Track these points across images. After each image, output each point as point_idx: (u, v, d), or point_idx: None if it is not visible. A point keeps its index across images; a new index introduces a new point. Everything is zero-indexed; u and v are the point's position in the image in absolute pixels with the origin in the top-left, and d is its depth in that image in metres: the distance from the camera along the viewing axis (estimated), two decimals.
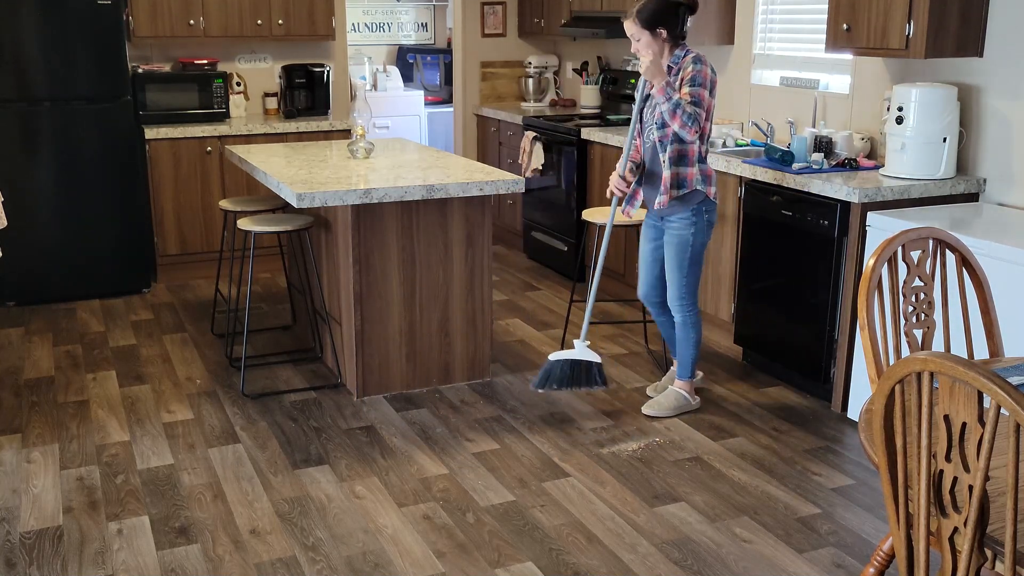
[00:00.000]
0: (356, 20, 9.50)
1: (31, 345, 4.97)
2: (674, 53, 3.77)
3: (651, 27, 3.71)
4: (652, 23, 3.71)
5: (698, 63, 3.71)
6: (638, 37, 3.73)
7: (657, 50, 3.74)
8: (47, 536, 3.15)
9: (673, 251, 3.92)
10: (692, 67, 3.70)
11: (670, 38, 3.74)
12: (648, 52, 3.73)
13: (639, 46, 3.75)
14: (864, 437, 2.15)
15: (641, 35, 3.72)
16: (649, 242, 4.06)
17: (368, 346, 4.22)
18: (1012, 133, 3.95)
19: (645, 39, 3.72)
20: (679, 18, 3.73)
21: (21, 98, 5.40)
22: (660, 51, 3.75)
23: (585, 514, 3.30)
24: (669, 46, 3.77)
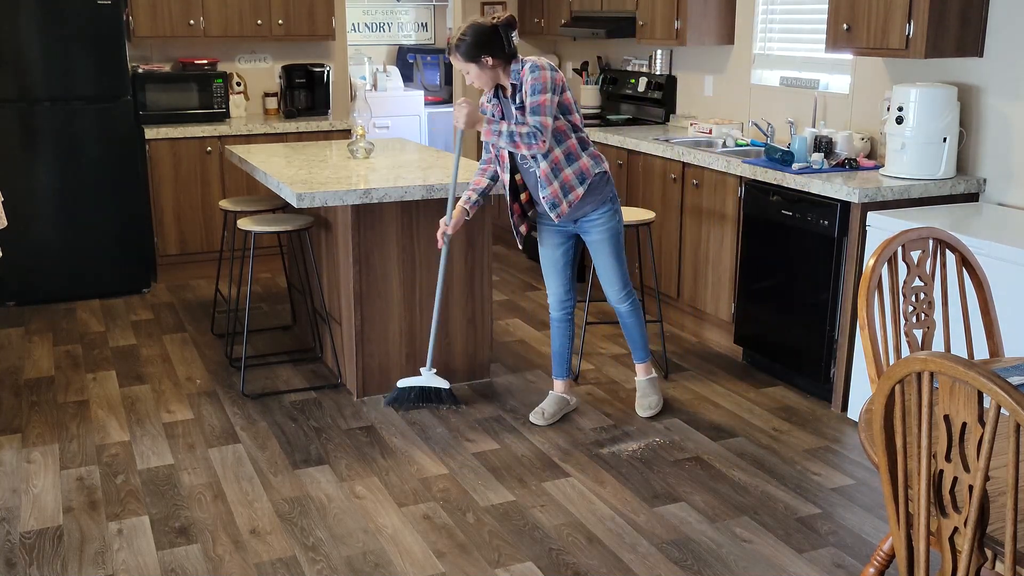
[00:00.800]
0: (356, 20, 9.50)
1: (31, 345, 4.97)
2: (511, 70, 3.66)
3: (475, 58, 3.62)
4: (474, 54, 3.62)
5: (535, 70, 3.60)
6: (466, 70, 3.66)
7: (490, 76, 3.66)
8: (47, 536, 3.15)
9: (608, 246, 3.86)
10: (530, 76, 3.59)
11: (499, 60, 3.64)
12: (480, 80, 3.66)
13: (471, 78, 3.68)
14: (864, 437, 2.15)
15: (468, 67, 3.65)
16: (557, 247, 3.94)
17: (368, 346, 4.22)
18: (1012, 133, 3.95)
19: (474, 70, 3.64)
20: (501, 38, 3.63)
21: (21, 98, 5.40)
22: (494, 76, 3.66)
23: (585, 514, 3.30)
24: (502, 67, 3.66)
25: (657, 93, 6.05)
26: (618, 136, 5.49)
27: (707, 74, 5.68)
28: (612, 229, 3.85)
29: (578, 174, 3.73)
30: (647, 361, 4.14)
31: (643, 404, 4.10)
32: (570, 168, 3.72)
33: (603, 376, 4.53)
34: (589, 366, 4.67)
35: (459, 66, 3.68)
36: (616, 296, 3.97)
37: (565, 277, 4.00)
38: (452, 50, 3.67)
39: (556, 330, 4.09)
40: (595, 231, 3.84)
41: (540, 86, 3.58)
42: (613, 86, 6.54)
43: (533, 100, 3.57)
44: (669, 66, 6.05)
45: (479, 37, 3.63)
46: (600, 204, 3.80)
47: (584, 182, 3.73)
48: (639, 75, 6.26)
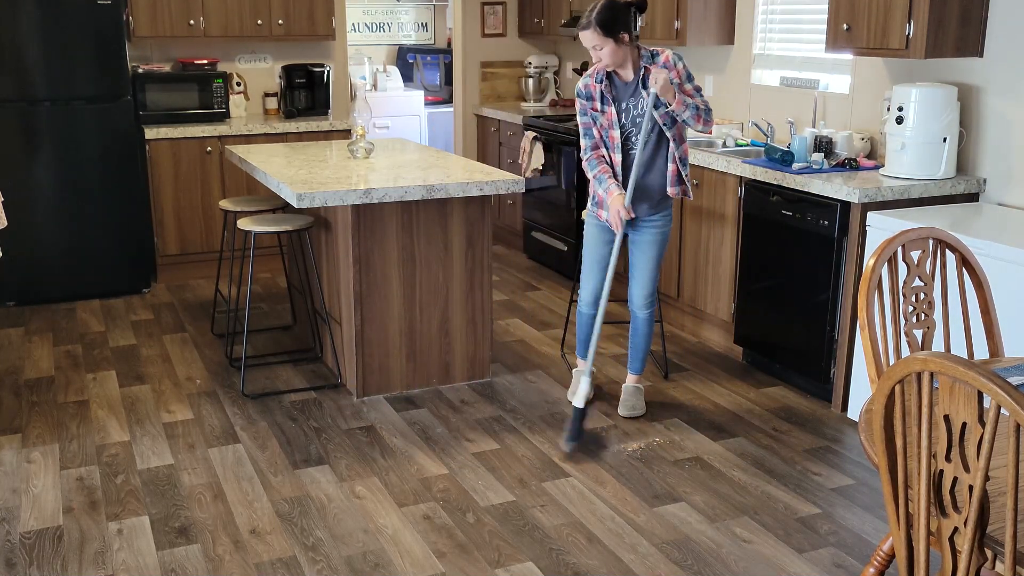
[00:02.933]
0: (356, 20, 9.50)
1: (31, 345, 4.97)
2: (641, 55, 3.74)
3: (613, 33, 3.64)
4: (613, 29, 3.64)
5: (680, 57, 3.75)
6: (601, 46, 3.66)
7: (622, 56, 3.70)
8: (47, 536, 3.15)
9: (656, 249, 3.93)
10: (679, 63, 3.73)
11: (631, 40, 3.70)
12: (615, 57, 3.68)
13: (602, 54, 3.68)
14: (864, 437, 2.15)
15: (604, 43, 3.65)
16: (606, 245, 3.98)
17: (368, 346, 4.22)
18: (1012, 133, 3.95)
19: (609, 47, 3.66)
20: (633, 18, 3.69)
21: (21, 98, 5.40)
22: (626, 55, 3.71)
23: (585, 514, 3.30)
24: (630, 49, 3.72)
25: None
26: None
27: (707, 74, 5.68)
28: (664, 234, 3.95)
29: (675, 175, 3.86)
30: (642, 373, 4.19)
31: (627, 405, 4.11)
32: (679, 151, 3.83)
33: (603, 376, 4.53)
34: None
35: (594, 42, 3.65)
36: (642, 301, 4.00)
37: (602, 275, 4.02)
38: (590, 25, 3.64)
39: (585, 323, 4.13)
40: (650, 231, 3.91)
41: (692, 74, 3.76)
42: None
43: (694, 84, 3.74)
44: None
45: (618, 13, 3.65)
46: (667, 207, 3.92)
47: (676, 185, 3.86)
48: None
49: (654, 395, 4.32)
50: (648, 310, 4.03)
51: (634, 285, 4.00)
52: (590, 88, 3.82)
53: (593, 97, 3.82)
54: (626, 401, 4.11)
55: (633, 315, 4.06)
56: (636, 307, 4.03)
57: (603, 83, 3.79)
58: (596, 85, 3.80)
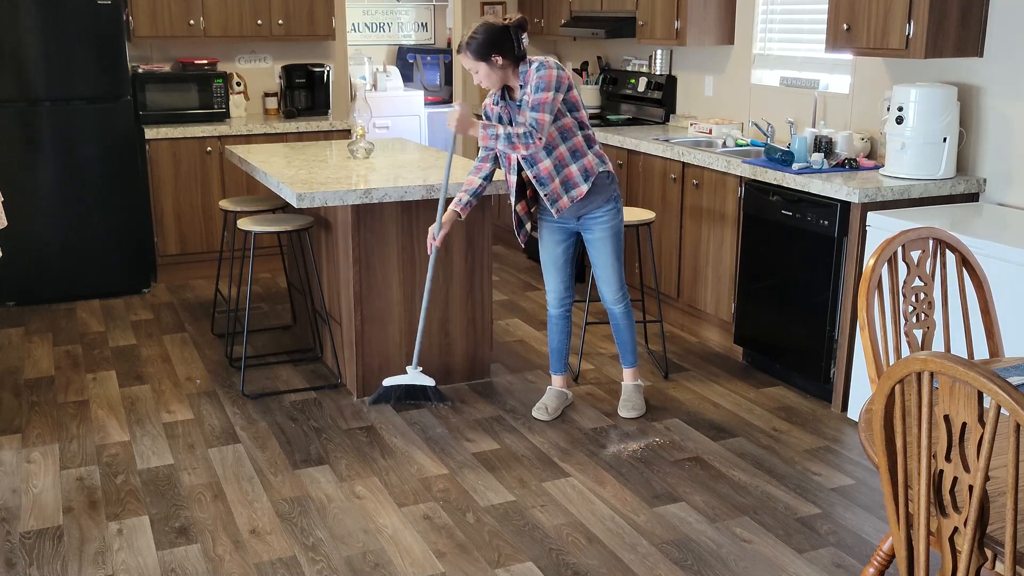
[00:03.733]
0: (356, 20, 9.50)
1: (31, 345, 4.97)
2: (520, 71, 3.68)
3: (485, 57, 3.61)
4: (485, 53, 3.60)
5: (541, 68, 3.61)
6: (475, 69, 3.64)
7: (498, 78, 3.66)
8: (47, 536, 3.15)
9: (609, 244, 3.88)
10: (535, 74, 3.60)
11: (509, 61, 3.64)
12: (489, 80, 3.66)
13: (480, 77, 3.66)
14: (864, 437, 2.15)
15: (478, 66, 3.63)
16: (558, 244, 3.96)
17: (368, 346, 4.22)
18: (1012, 133, 3.95)
19: (483, 70, 3.63)
20: (512, 39, 3.63)
21: (21, 98, 5.40)
22: (503, 76, 3.67)
23: (585, 514, 3.30)
24: (511, 68, 3.67)
25: (657, 93, 6.05)
26: (618, 136, 5.49)
27: (707, 74, 5.68)
28: (613, 228, 3.87)
29: (582, 171, 3.74)
30: (636, 366, 4.16)
31: (627, 405, 4.10)
32: (575, 165, 3.73)
33: (603, 376, 4.54)
34: (589, 366, 4.67)
35: (468, 65, 3.67)
36: (612, 296, 3.98)
37: (565, 275, 4.02)
38: (462, 48, 3.64)
39: (555, 327, 4.11)
40: (597, 229, 3.86)
41: (544, 84, 3.59)
42: (613, 86, 6.54)
43: (535, 97, 3.59)
44: (669, 66, 6.05)
45: (490, 36, 3.61)
46: (604, 202, 3.82)
47: (588, 179, 3.74)
48: (639, 75, 6.26)
49: (654, 395, 4.32)
50: (621, 303, 4.01)
51: (600, 284, 3.99)
52: (487, 107, 3.82)
53: (490, 116, 3.81)
54: (627, 401, 4.11)
55: (609, 312, 4.05)
56: (609, 303, 4.01)
57: (499, 104, 3.75)
58: (494, 106, 3.78)
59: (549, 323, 4.12)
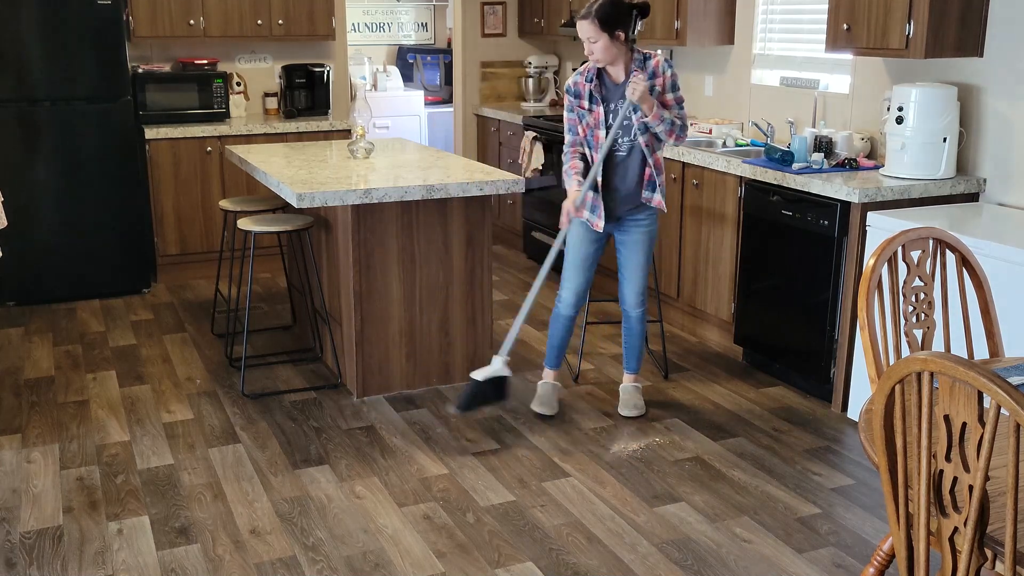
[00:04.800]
0: (356, 20, 9.50)
1: (31, 345, 4.97)
2: (634, 57, 3.71)
3: (610, 29, 3.61)
4: (611, 25, 3.60)
5: (671, 65, 3.75)
6: (595, 39, 3.63)
7: (614, 54, 3.67)
8: (47, 536, 3.15)
9: (644, 248, 3.94)
10: (668, 70, 3.73)
11: (627, 40, 3.67)
12: (605, 54, 3.65)
13: (595, 47, 3.64)
14: (864, 437, 2.15)
15: (599, 37, 3.62)
16: (591, 244, 3.97)
17: (368, 346, 4.22)
18: (1012, 133, 3.95)
19: (603, 42, 3.63)
20: (633, 21, 3.65)
21: (21, 98, 5.40)
22: (617, 55, 3.68)
23: (585, 514, 3.30)
24: (624, 50, 3.69)
25: None
26: None
27: (707, 74, 5.68)
28: (652, 233, 3.95)
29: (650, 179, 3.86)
30: (639, 372, 4.19)
31: (628, 404, 4.11)
32: (660, 176, 3.86)
33: (603, 376, 4.53)
34: (589, 366, 4.66)
35: (588, 33, 3.62)
36: (635, 300, 4.01)
37: (590, 276, 4.03)
38: (590, 15, 3.60)
39: (562, 327, 4.09)
40: (638, 231, 3.91)
41: (678, 83, 3.75)
42: None
43: (677, 95, 3.74)
44: None
45: (620, 9, 3.62)
46: (652, 206, 3.91)
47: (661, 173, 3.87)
48: None
49: (654, 395, 4.32)
50: (641, 308, 4.03)
51: (625, 285, 4.00)
52: (579, 86, 3.80)
53: (581, 95, 3.80)
54: (627, 401, 4.11)
55: (626, 314, 4.06)
56: (629, 306, 4.03)
57: (592, 82, 3.77)
58: (586, 84, 3.78)
59: (555, 321, 4.09)
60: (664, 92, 3.73)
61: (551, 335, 4.14)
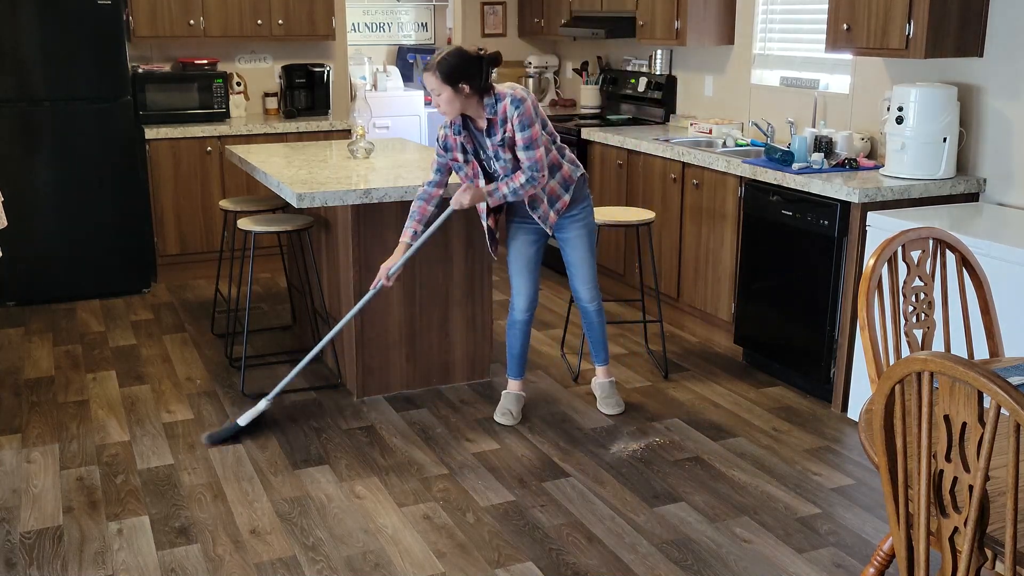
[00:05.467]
0: (356, 20, 9.50)
1: (31, 345, 4.96)
2: (486, 103, 3.59)
3: (453, 82, 3.51)
4: (454, 78, 3.50)
5: (518, 104, 3.55)
6: (439, 92, 3.53)
7: (459, 106, 3.57)
8: (47, 536, 3.15)
9: (584, 241, 3.91)
10: (515, 112, 3.55)
11: (474, 91, 3.55)
12: (449, 107, 3.55)
13: (439, 100, 3.55)
14: (864, 437, 2.15)
15: (443, 90, 3.52)
16: (531, 245, 3.92)
17: (368, 346, 4.22)
18: (1012, 133, 3.95)
19: (447, 94, 3.53)
20: (483, 72, 3.55)
21: (21, 98, 5.40)
22: (464, 106, 3.58)
23: (585, 514, 3.30)
24: (476, 99, 3.58)
25: (657, 93, 6.05)
26: (618, 136, 5.49)
27: (707, 74, 5.68)
28: (589, 225, 3.92)
29: (562, 183, 3.79)
30: (608, 364, 4.20)
31: (609, 402, 4.12)
32: (554, 180, 3.78)
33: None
34: (589, 366, 4.66)
35: (432, 86, 3.54)
36: (589, 295, 4.00)
37: (536, 277, 3.99)
38: (432, 68, 3.53)
39: (519, 333, 4.05)
40: (573, 227, 3.88)
41: (527, 120, 3.56)
42: (613, 86, 6.54)
43: (525, 136, 3.57)
44: (669, 66, 6.05)
45: (463, 63, 3.53)
46: (579, 201, 3.88)
47: (569, 189, 3.80)
48: (639, 75, 6.26)
49: (654, 395, 4.32)
50: (596, 302, 4.04)
51: (575, 282, 4.00)
52: (448, 140, 3.72)
53: (452, 148, 3.73)
54: (607, 399, 4.14)
55: (583, 310, 4.06)
56: (584, 301, 4.03)
57: (462, 135, 3.68)
58: (455, 137, 3.69)
59: (511, 328, 4.05)
60: (513, 135, 3.58)
61: (509, 344, 4.09)
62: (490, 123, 3.61)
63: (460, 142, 3.71)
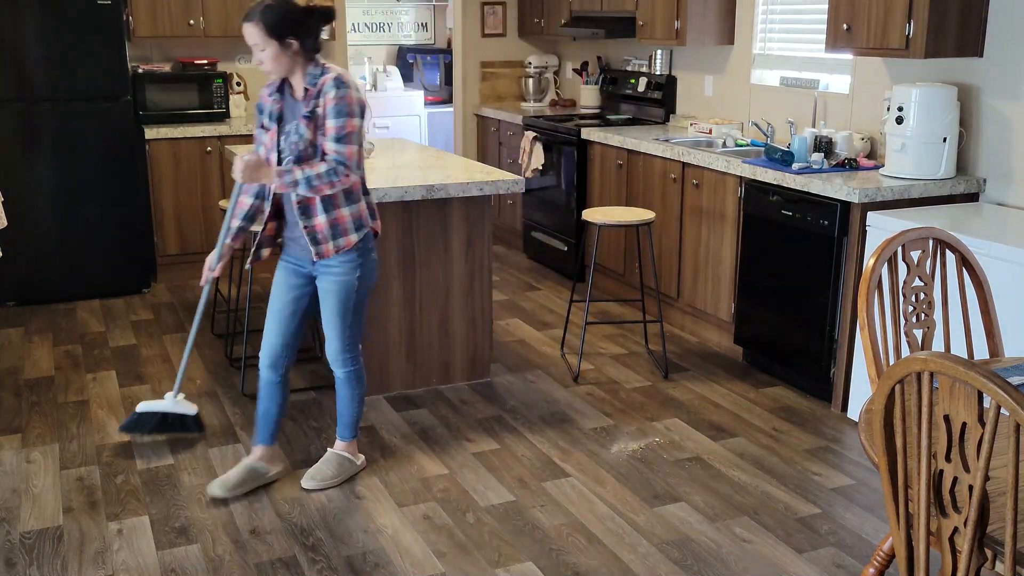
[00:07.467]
0: (356, 20, 9.50)
1: (31, 345, 4.97)
2: (308, 70, 3.10)
3: (279, 35, 3.01)
4: (280, 30, 3.01)
5: (340, 86, 3.06)
6: (263, 47, 3.02)
7: (286, 65, 3.07)
8: (47, 536, 3.15)
9: (335, 299, 3.28)
10: (335, 92, 3.06)
11: (302, 51, 3.06)
12: (275, 64, 3.05)
13: (263, 56, 3.04)
14: (864, 437, 2.15)
15: (267, 44, 3.01)
16: (290, 291, 3.36)
17: (368, 346, 4.22)
18: (1012, 133, 3.95)
19: (272, 50, 3.02)
20: (312, 28, 3.08)
21: (21, 98, 5.40)
22: (291, 66, 3.08)
23: (585, 514, 3.30)
24: (301, 61, 3.08)
25: (657, 93, 6.05)
26: (618, 136, 5.49)
27: (707, 74, 5.68)
28: (347, 284, 3.27)
29: (356, 219, 3.23)
30: (348, 440, 3.52)
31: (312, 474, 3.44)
32: (347, 208, 3.20)
33: (603, 376, 4.54)
34: (589, 366, 4.67)
35: (256, 39, 3.03)
36: (334, 358, 3.37)
37: (288, 330, 3.37)
38: (253, 17, 3.01)
39: (263, 391, 3.40)
40: (327, 277, 3.28)
41: (347, 108, 3.07)
42: (613, 86, 6.54)
43: (338, 124, 3.07)
44: (669, 66, 6.05)
45: (290, 13, 3.04)
46: (350, 253, 3.24)
47: (360, 230, 3.24)
48: (639, 75, 6.27)
49: (654, 395, 4.32)
50: (344, 369, 3.39)
51: (326, 340, 3.39)
52: (263, 99, 3.23)
53: (263, 111, 3.23)
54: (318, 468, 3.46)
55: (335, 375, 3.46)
56: (331, 364, 3.41)
57: (274, 96, 3.18)
58: (268, 99, 3.20)
59: (260, 387, 3.40)
60: (325, 118, 3.08)
61: (258, 403, 3.44)
62: (307, 93, 3.11)
63: (269, 104, 3.19)
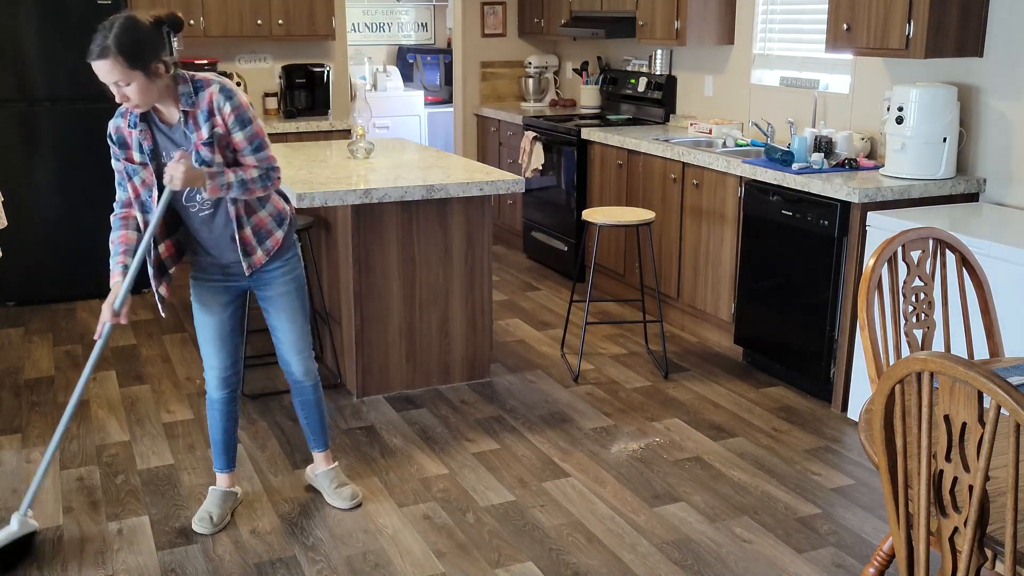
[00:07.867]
0: (356, 20, 9.51)
1: (31, 345, 4.96)
2: (179, 91, 2.80)
3: (143, 64, 2.66)
4: (143, 57, 2.66)
5: (229, 95, 2.83)
6: (126, 81, 2.66)
7: (156, 93, 2.75)
8: (47, 536, 3.15)
9: (294, 298, 3.15)
10: (229, 105, 2.82)
11: (167, 72, 2.75)
12: (145, 97, 2.72)
13: (129, 91, 2.69)
14: (864, 437, 2.15)
15: (131, 78, 2.66)
16: (224, 309, 3.16)
17: (368, 346, 4.22)
18: (1012, 133, 3.95)
19: (139, 82, 2.68)
20: (165, 40, 2.75)
21: (21, 98, 5.40)
22: (162, 92, 2.77)
23: (585, 514, 3.30)
24: (169, 83, 2.78)
25: (657, 93, 6.05)
26: (618, 136, 5.49)
27: (707, 74, 5.68)
28: (299, 279, 3.16)
29: (275, 215, 3.07)
30: (329, 448, 3.42)
31: (343, 493, 3.34)
32: (264, 210, 3.03)
33: (603, 376, 4.54)
34: (589, 366, 4.67)
35: (116, 75, 2.66)
36: (303, 367, 3.25)
37: (232, 345, 3.20)
38: (109, 52, 2.62)
39: (218, 415, 3.24)
40: (278, 282, 3.11)
41: (247, 114, 2.86)
42: (613, 86, 6.54)
43: (248, 134, 2.87)
44: (669, 66, 6.05)
45: (144, 35, 2.69)
46: (285, 250, 3.11)
47: (283, 224, 3.08)
48: (639, 75, 6.27)
49: (654, 395, 4.32)
50: (312, 377, 3.29)
51: (283, 349, 3.22)
52: (122, 132, 2.87)
53: (128, 145, 2.88)
54: (339, 489, 3.34)
55: (297, 388, 3.29)
56: (299, 376, 3.26)
57: (140, 128, 2.83)
58: (130, 131, 2.85)
59: (210, 409, 3.24)
60: (229, 133, 2.86)
61: (210, 429, 3.28)
62: (186, 116, 2.82)
63: (136, 138, 2.85)
